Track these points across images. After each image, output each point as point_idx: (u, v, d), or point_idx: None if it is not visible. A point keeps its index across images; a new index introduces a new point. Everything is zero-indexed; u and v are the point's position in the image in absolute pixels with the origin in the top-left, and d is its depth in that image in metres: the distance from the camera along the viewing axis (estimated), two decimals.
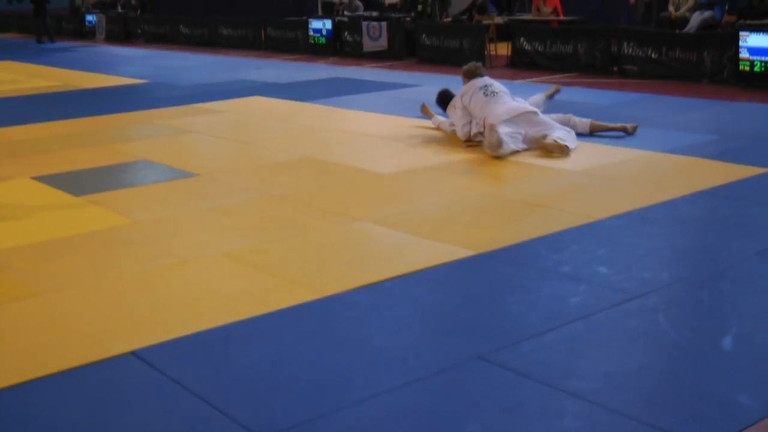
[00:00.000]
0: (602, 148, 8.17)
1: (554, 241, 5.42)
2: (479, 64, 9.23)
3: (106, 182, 7.52)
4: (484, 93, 8.55)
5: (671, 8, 16.55)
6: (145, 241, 5.77)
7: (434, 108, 9.61)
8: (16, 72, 17.82)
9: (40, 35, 26.78)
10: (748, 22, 13.36)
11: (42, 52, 23.37)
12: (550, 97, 9.44)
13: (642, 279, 4.72)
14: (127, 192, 7.18)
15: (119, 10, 30.30)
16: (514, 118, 8.19)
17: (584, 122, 8.73)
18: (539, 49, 14.80)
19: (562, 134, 8.11)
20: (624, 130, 8.72)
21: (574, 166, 7.45)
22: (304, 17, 21.17)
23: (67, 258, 5.46)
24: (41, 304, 4.68)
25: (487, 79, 8.80)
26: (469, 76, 8.92)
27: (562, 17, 17.32)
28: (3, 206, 6.86)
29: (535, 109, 8.43)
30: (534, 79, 13.33)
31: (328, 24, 19.32)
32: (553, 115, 8.64)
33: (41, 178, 7.67)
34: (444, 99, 9.29)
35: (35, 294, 4.83)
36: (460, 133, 8.63)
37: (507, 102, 8.43)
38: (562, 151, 7.88)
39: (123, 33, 27.19)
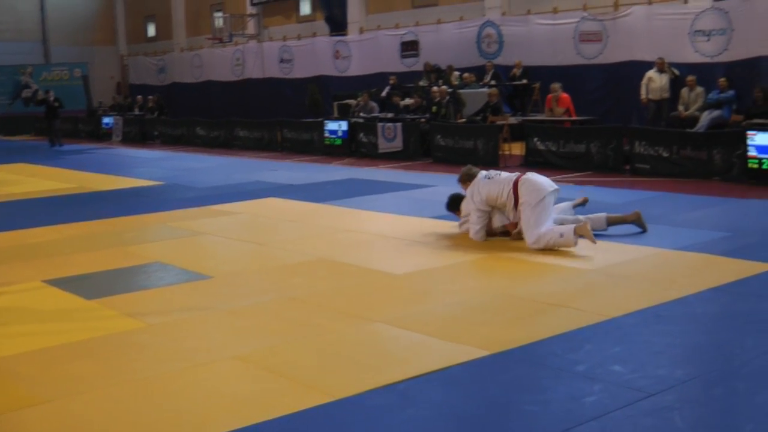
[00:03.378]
0: (615, 246, 8.18)
1: (568, 340, 5.39)
2: (470, 165, 9.31)
3: (120, 285, 7.51)
4: (487, 177, 8.74)
5: (681, 108, 16.80)
6: (158, 345, 5.75)
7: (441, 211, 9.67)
8: (30, 174, 18.05)
9: (52, 138, 26.80)
10: (755, 121, 13.51)
11: (57, 154, 23.74)
12: (576, 206, 9.31)
13: (657, 377, 4.67)
14: (141, 295, 7.18)
15: (136, 112, 30.85)
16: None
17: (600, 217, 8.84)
18: (552, 148, 14.94)
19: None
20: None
21: (587, 265, 7.45)
22: (320, 119, 21.48)
23: (77, 363, 5.41)
24: (50, 411, 4.63)
25: (483, 171, 8.93)
26: (470, 179, 8.92)
27: (574, 117, 17.53)
28: (12, 310, 6.83)
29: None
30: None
31: (343, 125, 19.60)
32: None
33: (53, 282, 7.65)
34: (456, 202, 9.30)
35: (44, 401, 4.78)
36: (477, 236, 8.67)
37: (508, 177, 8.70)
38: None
39: (140, 135, 27.66)
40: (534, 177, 8.55)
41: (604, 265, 7.44)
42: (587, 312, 6.00)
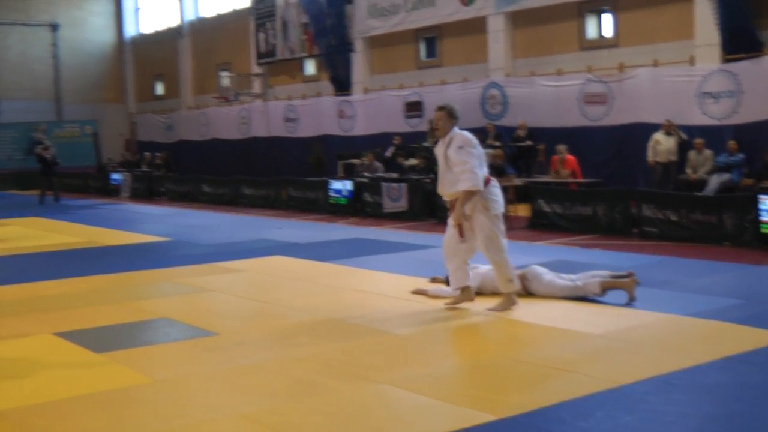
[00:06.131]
0: (623, 310, 8.10)
1: (578, 407, 5.30)
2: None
3: (127, 340, 7.53)
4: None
5: (689, 170, 16.80)
6: (164, 401, 5.71)
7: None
8: (41, 228, 18.12)
9: (43, 194, 26.22)
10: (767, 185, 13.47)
11: (67, 209, 23.77)
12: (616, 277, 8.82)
13: None
14: (148, 350, 7.18)
15: (144, 168, 30.99)
16: None
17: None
18: (558, 210, 14.90)
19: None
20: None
21: (595, 329, 7.36)
22: (325, 178, 21.54)
23: (84, 417, 5.41)
24: None
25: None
26: (453, 117, 8.43)
27: (580, 179, 17.55)
28: (23, 362, 6.84)
29: None
30: (554, 241, 13.39)
31: (348, 185, 19.63)
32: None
33: (63, 335, 7.67)
34: None
35: None
36: (480, 181, 8.13)
37: None
38: None
39: (147, 191, 27.74)
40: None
41: (611, 330, 7.35)
42: (596, 378, 5.91)
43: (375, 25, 26.78)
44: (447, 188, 8.27)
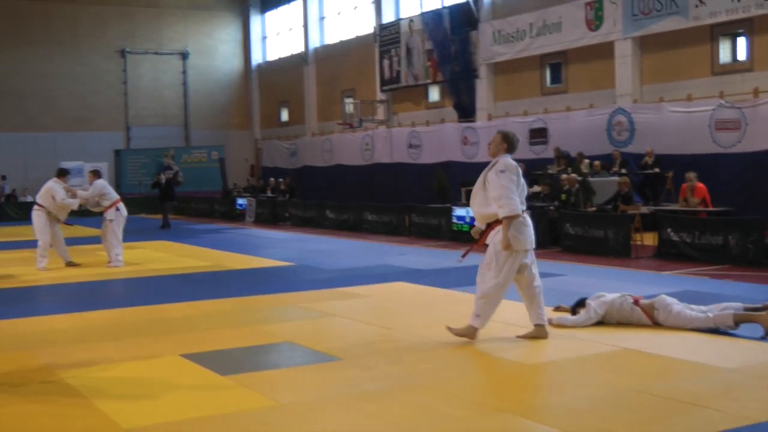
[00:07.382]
0: (758, 345, 7.79)
1: None
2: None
3: (252, 363, 7.64)
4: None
5: None
6: (289, 425, 5.76)
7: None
8: (170, 251, 18.66)
9: (165, 218, 26.71)
10: None
11: (194, 233, 24.41)
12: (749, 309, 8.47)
13: None
14: (272, 373, 7.27)
15: (268, 194, 31.59)
16: None
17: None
18: (687, 240, 14.47)
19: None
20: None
21: (727, 363, 7.11)
22: (448, 205, 21.50)
23: None
24: None
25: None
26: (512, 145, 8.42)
27: (710, 208, 17.04)
28: (151, 383, 7.01)
29: None
30: (682, 271, 13.02)
31: (471, 212, 19.50)
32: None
33: (190, 356, 7.84)
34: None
35: None
36: (517, 205, 8.15)
37: None
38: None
39: (271, 216, 28.23)
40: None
41: (745, 364, 7.08)
42: (729, 414, 5.69)
43: (499, 51, 26.72)
44: (476, 207, 8.57)
